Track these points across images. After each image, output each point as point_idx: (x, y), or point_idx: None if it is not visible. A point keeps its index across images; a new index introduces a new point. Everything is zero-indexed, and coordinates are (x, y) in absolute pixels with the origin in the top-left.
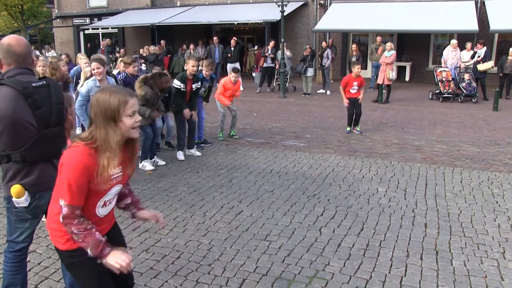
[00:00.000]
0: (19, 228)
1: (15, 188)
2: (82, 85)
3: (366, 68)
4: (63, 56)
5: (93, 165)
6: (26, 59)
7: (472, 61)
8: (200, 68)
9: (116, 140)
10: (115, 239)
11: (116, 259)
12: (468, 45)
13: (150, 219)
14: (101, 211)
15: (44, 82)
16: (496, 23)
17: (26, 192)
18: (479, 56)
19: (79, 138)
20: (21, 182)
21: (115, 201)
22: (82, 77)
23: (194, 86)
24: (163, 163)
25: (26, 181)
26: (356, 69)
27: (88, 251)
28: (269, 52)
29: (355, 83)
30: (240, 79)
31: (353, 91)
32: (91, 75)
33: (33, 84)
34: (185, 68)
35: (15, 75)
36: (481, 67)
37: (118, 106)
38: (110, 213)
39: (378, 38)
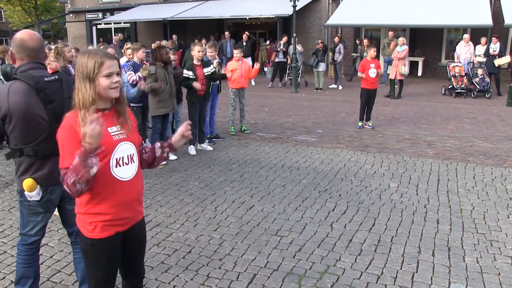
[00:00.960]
0: (32, 221)
1: (27, 182)
2: None
3: None
4: (73, 50)
5: (77, 125)
6: (39, 53)
7: (482, 56)
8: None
9: (91, 98)
10: (135, 239)
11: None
12: (483, 39)
13: (182, 139)
14: (117, 172)
15: (57, 77)
16: (511, 18)
17: (38, 186)
18: (494, 51)
19: None
20: (33, 176)
21: (134, 166)
22: None
23: (205, 70)
24: (175, 157)
25: (38, 175)
26: (372, 51)
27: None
28: (281, 47)
29: (372, 65)
30: (249, 60)
31: (372, 75)
32: None
33: (45, 79)
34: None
35: (27, 70)
36: (498, 62)
37: (93, 66)
38: (134, 195)
39: (391, 33)
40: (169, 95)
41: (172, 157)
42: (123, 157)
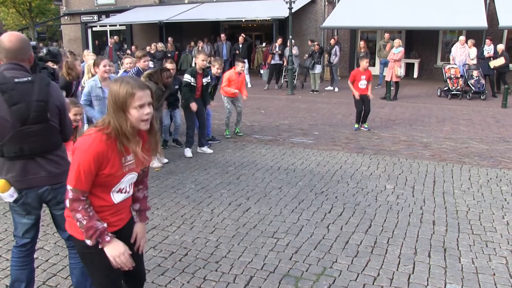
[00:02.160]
0: (18, 222)
1: (0, 182)
2: (84, 80)
3: (374, 65)
4: (67, 53)
5: (105, 151)
6: (18, 54)
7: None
8: (207, 64)
9: (128, 128)
10: (128, 236)
11: (113, 253)
12: (470, 42)
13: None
14: (116, 197)
15: (30, 79)
16: (506, 20)
17: (12, 187)
18: (488, 53)
19: (94, 126)
20: (4, 177)
21: (131, 192)
22: (86, 70)
23: (204, 80)
24: (166, 160)
25: (8, 177)
26: (364, 62)
27: (87, 240)
28: (277, 49)
29: (363, 77)
30: (245, 73)
31: (362, 86)
32: (93, 75)
33: (15, 80)
34: (194, 63)
35: (3, 71)
36: (493, 63)
37: (125, 97)
38: (127, 204)
39: (386, 35)
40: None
41: (163, 160)
42: (126, 187)
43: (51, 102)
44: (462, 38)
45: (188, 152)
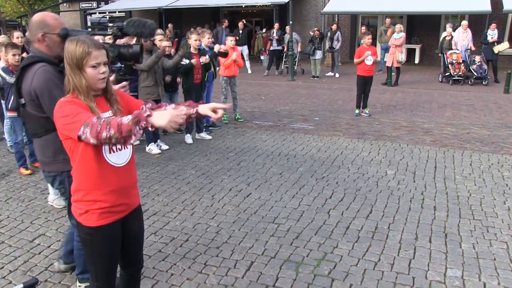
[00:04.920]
0: None
1: None
2: None
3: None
4: None
5: (78, 105)
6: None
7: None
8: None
9: (84, 86)
10: (133, 227)
11: (162, 123)
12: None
13: (209, 112)
14: (111, 158)
15: None
16: (510, 3)
17: None
18: (492, 37)
19: None
20: None
21: (128, 151)
22: None
23: (202, 60)
24: (167, 147)
25: None
26: (367, 39)
27: (132, 128)
28: (274, 34)
29: (369, 52)
30: (245, 59)
31: (368, 62)
32: None
33: None
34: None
35: None
36: (497, 48)
37: (82, 56)
38: (130, 182)
39: (388, 20)
40: (154, 82)
41: (164, 146)
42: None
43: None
44: (464, 23)
45: (188, 139)
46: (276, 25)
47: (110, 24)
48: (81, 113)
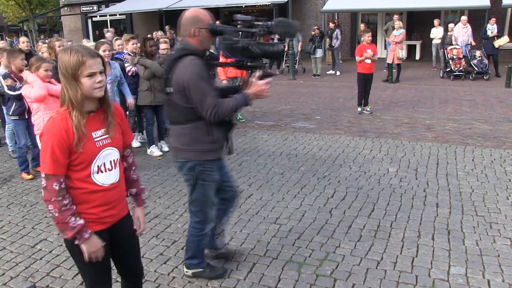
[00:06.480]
0: None
1: None
2: None
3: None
4: (69, 43)
5: (70, 127)
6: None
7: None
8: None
9: (79, 98)
10: (121, 234)
11: (90, 250)
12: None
13: (135, 222)
14: (98, 178)
15: None
16: None
17: None
18: (492, 32)
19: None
20: None
21: (117, 171)
22: None
23: None
24: (167, 149)
25: None
26: (367, 36)
27: (61, 233)
28: None
29: (369, 50)
30: None
31: (368, 61)
32: None
33: None
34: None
35: None
36: (497, 42)
37: (76, 65)
38: (118, 196)
39: (396, 17)
40: (148, 87)
41: (165, 148)
42: (105, 163)
43: None
44: (464, 18)
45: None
46: None
47: (257, 23)
48: (56, 160)
